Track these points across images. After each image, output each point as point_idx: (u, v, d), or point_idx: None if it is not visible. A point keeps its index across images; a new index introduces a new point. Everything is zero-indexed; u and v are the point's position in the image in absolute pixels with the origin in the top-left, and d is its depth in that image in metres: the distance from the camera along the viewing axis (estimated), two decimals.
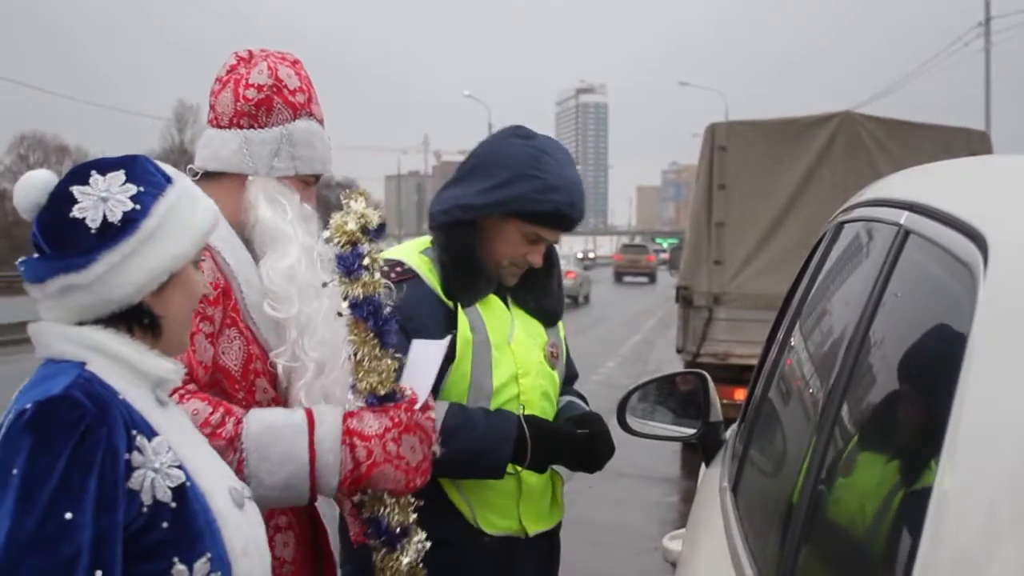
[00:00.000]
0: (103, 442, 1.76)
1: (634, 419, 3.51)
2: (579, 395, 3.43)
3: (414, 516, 2.63)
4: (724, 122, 11.33)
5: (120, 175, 1.92)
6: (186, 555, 1.85)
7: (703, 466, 3.53)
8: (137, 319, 1.94)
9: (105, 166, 1.94)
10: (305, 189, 2.67)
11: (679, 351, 10.83)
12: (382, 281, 2.62)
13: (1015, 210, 1.51)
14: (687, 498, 6.97)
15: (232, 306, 2.47)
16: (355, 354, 2.56)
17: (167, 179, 1.99)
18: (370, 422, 2.48)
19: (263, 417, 2.42)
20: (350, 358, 2.57)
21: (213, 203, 2.11)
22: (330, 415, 2.47)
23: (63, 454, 1.72)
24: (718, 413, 3.42)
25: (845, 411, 1.78)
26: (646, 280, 59.02)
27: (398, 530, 2.59)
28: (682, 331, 10.60)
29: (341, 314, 2.58)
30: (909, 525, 1.27)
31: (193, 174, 2.58)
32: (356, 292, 2.57)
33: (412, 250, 3.12)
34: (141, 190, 1.92)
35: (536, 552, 3.14)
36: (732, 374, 9.06)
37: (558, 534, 3.29)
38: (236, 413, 2.38)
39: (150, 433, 1.86)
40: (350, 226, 2.62)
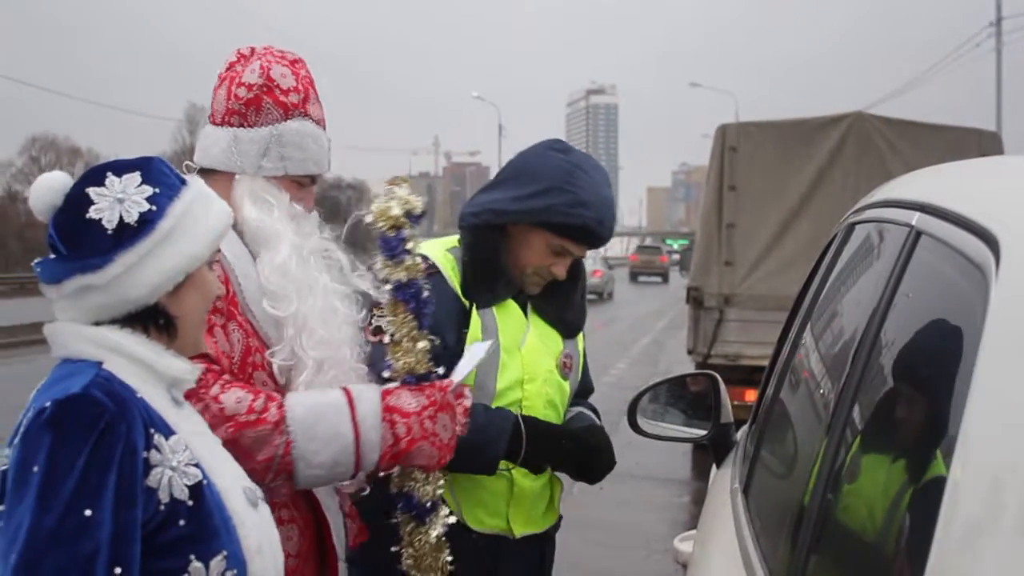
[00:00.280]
0: (122, 440, 1.77)
1: (645, 420, 3.51)
2: (592, 408, 3.44)
3: (440, 492, 2.72)
4: (735, 123, 11.33)
5: (136, 176, 1.94)
6: (202, 552, 1.86)
7: (714, 467, 3.53)
8: (153, 319, 1.96)
9: (121, 168, 1.95)
10: (299, 190, 2.67)
11: (690, 352, 10.82)
12: (422, 265, 2.69)
13: None
14: (698, 500, 6.96)
15: (230, 299, 2.49)
16: (392, 335, 2.64)
17: (181, 181, 2.02)
18: (408, 400, 2.57)
19: (304, 399, 2.48)
20: (388, 339, 2.65)
21: (226, 204, 2.13)
22: (368, 393, 2.55)
23: (83, 451, 1.74)
24: (729, 414, 3.42)
25: (856, 412, 1.78)
26: (659, 280, 60.35)
27: (428, 504, 2.69)
28: (693, 332, 10.59)
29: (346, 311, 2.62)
30: (920, 527, 1.27)
31: (189, 170, 2.59)
32: (399, 275, 2.64)
33: (438, 247, 3.16)
34: (157, 191, 1.94)
35: (524, 554, 3.16)
36: (743, 375, 9.05)
37: (552, 539, 3.30)
38: (276, 398, 2.44)
39: (167, 432, 1.88)
40: (395, 211, 2.67)
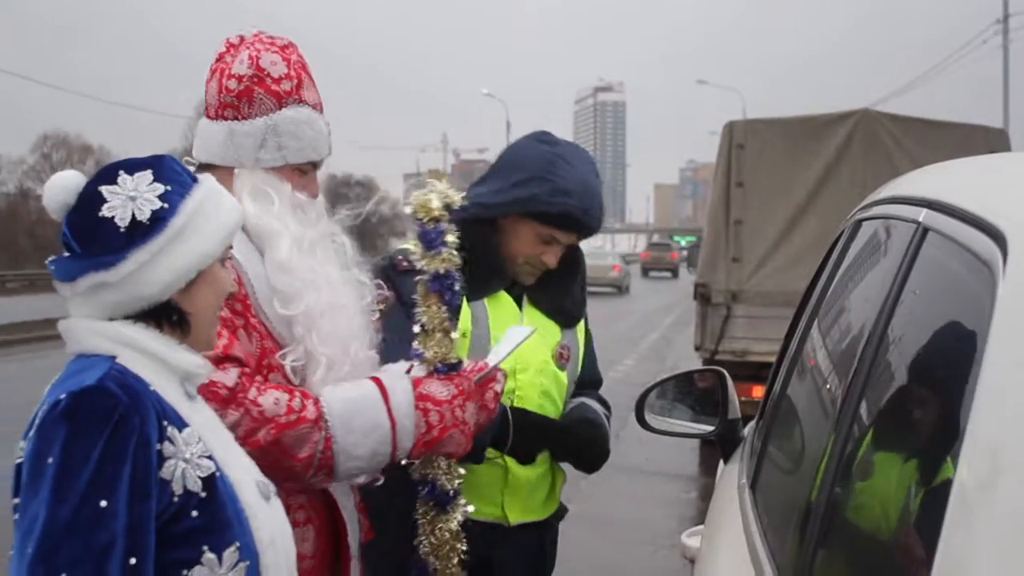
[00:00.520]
0: (136, 432, 1.78)
1: (653, 416, 3.51)
2: (600, 399, 3.43)
3: (459, 482, 2.74)
4: (742, 120, 11.30)
5: (148, 175, 1.94)
6: (215, 543, 1.87)
7: (721, 463, 3.53)
8: (166, 316, 1.96)
9: (132, 166, 1.95)
10: (301, 177, 2.63)
11: (697, 348, 10.80)
12: (457, 259, 2.71)
13: None
14: (705, 495, 6.97)
15: (243, 301, 2.47)
16: (423, 325, 2.67)
17: (193, 178, 2.02)
18: (439, 388, 2.60)
19: (340, 394, 2.50)
20: (419, 328, 2.67)
21: (237, 201, 2.13)
22: (400, 382, 2.58)
23: (97, 443, 1.74)
24: (736, 410, 3.41)
25: (863, 408, 1.78)
26: (669, 275, 62.35)
27: (451, 492, 2.72)
28: (700, 328, 10.57)
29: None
30: (928, 523, 1.27)
31: (189, 165, 2.54)
32: (436, 266, 2.67)
33: None
34: (168, 189, 1.94)
35: (520, 542, 3.17)
36: (750, 371, 9.04)
37: (553, 529, 3.32)
38: (312, 395, 2.46)
39: (180, 424, 1.88)
40: (434, 203, 2.69)
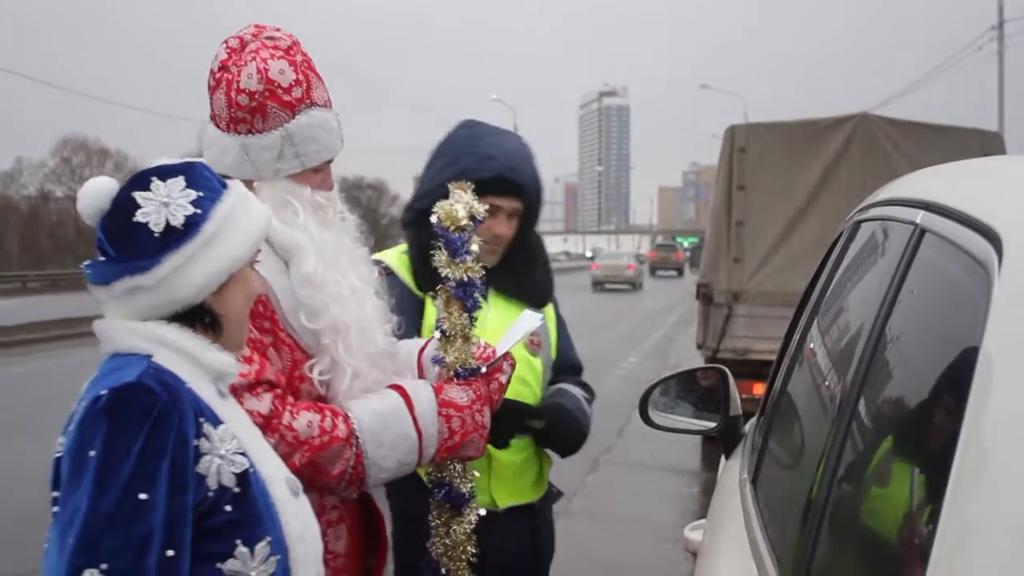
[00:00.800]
0: (174, 428, 1.79)
1: (656, 413, 3.50)
2: (580, 383, 3.42)
3: (472, 485, 2.75)
4: (743, 124, 11.29)
5: (180, 181, 1.95)
6: (248, 537, 1.88)
7: (723, 459, 3.53)
8: (199, 318, 1.97)
9: (165, 172, 1.96)
10: (317, 175, 2.59)
11: (699, 347, 10.79)
12: (480, 269, 2.72)
13: None
14: (707, 490, 6.97)
15: (271, 317, 2.44)
16: (444, 331, 2.68)
17: (223, 184, 2.03)
18: (460, 394, 2.61)
19: (368, 407, 2.49)
20: (440, 334, 2.68)
21: (265, 206, 2.13)
22: (423, 390, 2.58)
23: (138, 438, 1.76)
24: (738, 407, 3.41)
25: (862, 406, 1.78)
26: (675, 274, 66.90)
27: (465, 495, 2.73)
28: (702, 327, 10.56)
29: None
30: (925, 516, 1.27)
31: None
32: (460, 274, 2.68)
33: (394, 252, 3.25)
34: (200, 195, 1.95)
35: (513, 526, 3.22)
36: (751, 369, 9.03)
37: (544, 514, 3.36)
38: (341, 412, 2.45)
39: (215, 421, 1.90)
40: (460, 213, 2.70)
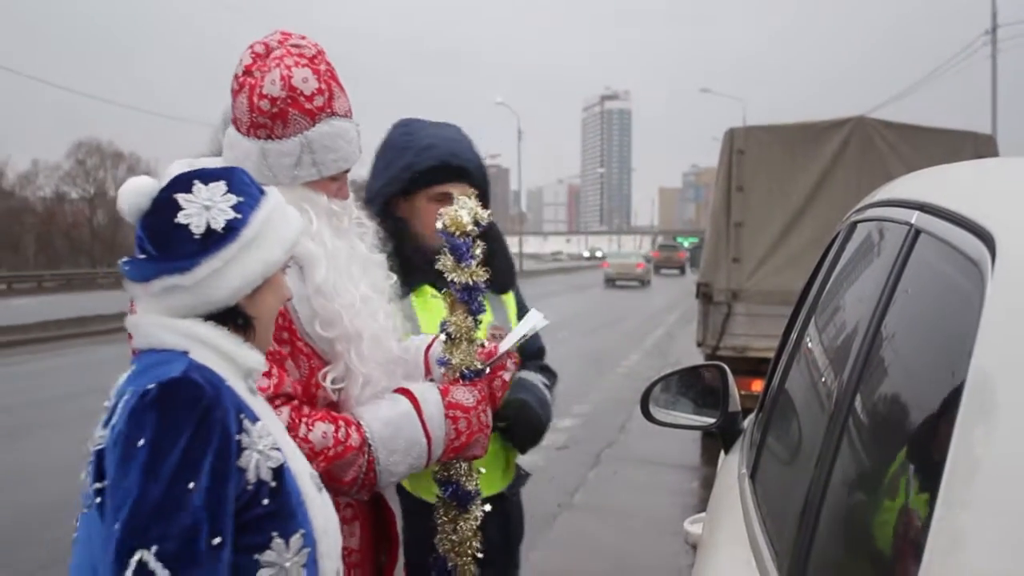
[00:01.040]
0: (219, 422, 1.81)
1: (657, 409, 3.50)
2: (544, 368, 3.41)
3: (477, 483, 2.76)
4: (742, 127, 11.28)
5: (221, 185, 1.97)
6: (284, 530, 1.90)
7: (722, 454, 3.53)
8: (232, 319, 1.99)
9: (207, 177, 1.98)
10: (333, 183, 2.57)
11: (699, 344, 10.79)
12: (484, 274, 2.72)
13: (1021, 210, 1.50)
14: (707, 484, 6.96)
15: (289, 327, 2.43)
16: (450, 334, 2.68)
17: (260, 191, 2.05)
18: (465, 395, 2.62)
19: (379, 414, 2.50)
20: (446, 336, 2.69)
21: (298, 214, 2.15)
22: (429, 392, 2.59)
23: (185, 430, 1.77)
24: (737, 404, 3.41)
25: (858, 402, 1.78)
26: (678, 272, 69.71)
27: (472, 493, 2.74)
28: (702, 325, 10.56)
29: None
30: (919, 510, 1.27)
31: None
32: (464, 278, 2.69)
33: None
34: (241, 200, 1.97)
35: (486, 514, 3.11)
36: (750, 366, 9.02)
37: (514, 500, 3.31)
38: (353, 421, 2.45)
39: (253, 417, 1.91)
40: (465, 219, 2.71)
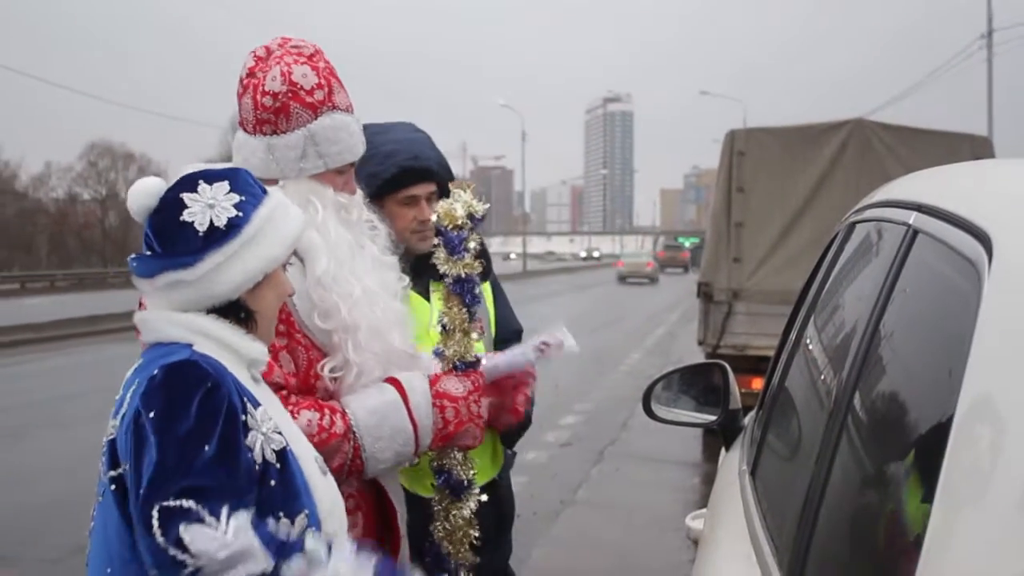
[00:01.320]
0: (226, 398, 1.85)
1: (659, 406, 3.50)
2: None
3: (473, 472, 2.76)
4: (743, 129, 11.29)
5: (225, 185, 2.01)
6: (289, 510, 1.93)
7: (723, 451, 3.52)
8: (234, 313, 2.03)
9: (211, 177, 2.02)
10: (340, 177, 2.62)
11: (700, 343, 10.79)
12: (478, 266, 2.73)
13: (1017, 211, 1.50)
14: (708, 481, 6.96)
15: (288, 320, 2.48)
16: (445, 325, 2.71)
17: (263, 190, 2.09)
18: (456, 385, 2.63)
19: (364, 403, 2.52)
20: (441, 328, 2.71)
21: (301, 212, 2.18)
22: (418, 382, 2.60)
23: (193, 401, 1.82)
24: (737, 401, 3.41)
25: (857, 399, 1.77)
26: (681, 271, 71.86)
27: (465, 482, 2.74)
28: (703, 324, 10.57)
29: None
30: (917, 506, 1.27)
31: None
32: (457, 271, 2.70)
33: None
34: (243, 199, 2.01)
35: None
36: (750, 365, 9.01)
37: (504, 485, 3.29)
38: (338, 408, 2.48)
39: (255, 403, 1.95)
40: (458, 212, 2.72)
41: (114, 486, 1.90)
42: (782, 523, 2.03)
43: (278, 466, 1.92)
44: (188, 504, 1.74)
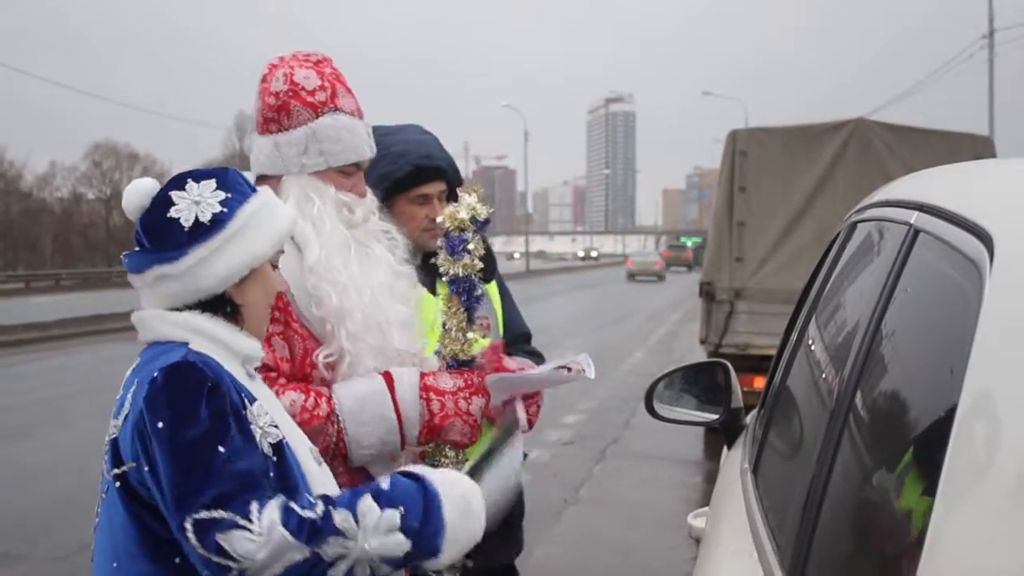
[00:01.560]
0: (227, 396, 1.88)
1: (661, 405, 3.51)
2: (532, 352, 3.41)
3: (466, 470, 2.73)
4: (744, 129, 11.28)
5: (212, 183, 2.05)
6: None
7: (725, 449, 3.53)
8: (221, 307, 2.05)
9: (200, 175, 2.07)
10: (346, 179, 2.70)
11: (702, 342, 10.79)
12: (479, 265, 2.78)
13: (1019, 210, 1.50)
14: (710, 479, 6.96)
15: (285, 309, 2.55)
16: (444, 324, 2.75)
17: (252, 189, 2.12)
18: (446, 380, 2.67)
19: (349, 390, 2.57)
20: (441, 327, 2.76)
21: (291, 211, 2.22)
22: (407, 375, 2.64)
23: (200, 403, 1.84)
24: (739, 400, 3.41)
25: (858, 398, 1.77)
26: (685, 270, 74.06)
27: None
28: (705, 323, 10.57)
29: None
30: (918, 505, 1.27)
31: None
32: (456, 271, 2.75)
33: None
34: (229, 196, 2.05)
35: None
36: (752, 363, 9.00)
37: (519, 479, 3.29)
38: (324, 393, 2.54)
39: (251, 398, 1.98)
40: (461, 215, 2.78)
41: (118, 483, 1.92)
42: (784, 521, 2.03)
43: (275, 459, 1.95)
44: (219, 514, 1.79)
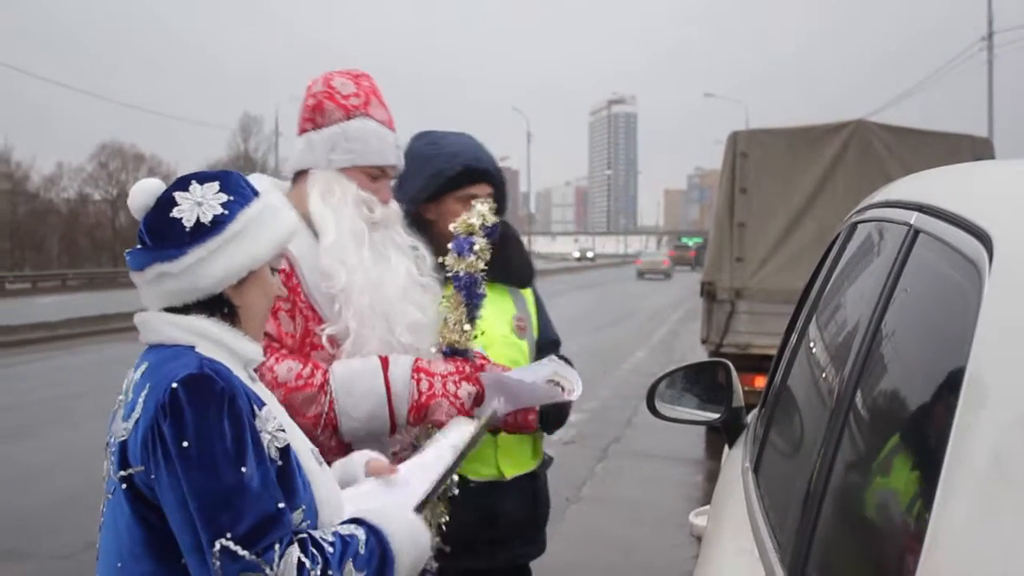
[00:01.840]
0: (243, 408, 1.90)
1: (663, 404, 3.51)
2: (562, 359, 3.45)
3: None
4: (745, 130, 11.28)
5: (215, 185, 2.07)
6: (289, 505, 1.95)
7: (726, 448, 3.53)
8: (219, 307, 2.06)
9: (204, 178, 2.09)
10: (372, 182, 2.85)
11: (703, 341, 10.79)
12: (481, 265, 2.91)
13: (1018, 211, 1.50)
14: (711, 478, 6.96)
15: (293, 288, 2.66)
16: (446, 317, 2.89)
17: (255, 193, 2.14)
18: (439, 365, 2.79)
19: (346, 365, 2.69)
20: (443, 320, 2.88)
21: (295, 216, 2.26)
22: (402, 358, 2.74)
23: (222, 419, 1.86)
24: (740, 399, 3.41)
25: (859, 398, 1.77)
26: (689, 269, 75.32)
27: None
28: (706, 323, 10.56)
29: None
30: (918, 504, 1.27)
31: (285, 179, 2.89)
32: (460, 268, 2.90)
33: None
34: (231, 199, 2.06)
35: (518, 491, 3.30)
36: (753, 363, 8.99)
37: (541, 478, 3.43)
38: (321, 366, 2.66)
39: (259, 403, 1.98)
40: (471, 220, 2.95)
41: (125, 485, 1.92)
42: (784, 519, 2.03)
43: (280, 463, 1.96)
44: (244, 554, 1.81)
